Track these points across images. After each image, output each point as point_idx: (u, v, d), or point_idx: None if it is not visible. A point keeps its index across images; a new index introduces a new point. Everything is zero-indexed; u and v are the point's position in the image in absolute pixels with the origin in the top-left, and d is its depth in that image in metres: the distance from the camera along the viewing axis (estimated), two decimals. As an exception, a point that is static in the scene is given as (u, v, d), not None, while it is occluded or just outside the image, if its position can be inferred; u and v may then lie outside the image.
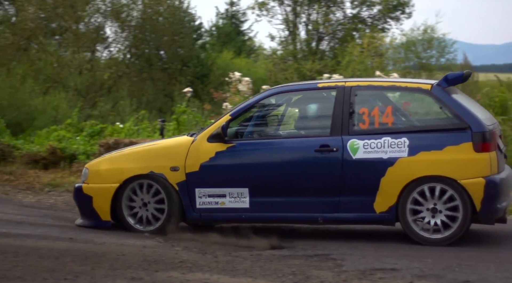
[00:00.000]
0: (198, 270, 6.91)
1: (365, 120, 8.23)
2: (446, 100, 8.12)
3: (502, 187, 7.98)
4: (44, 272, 6.63)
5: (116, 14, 29.48)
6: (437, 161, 7.92)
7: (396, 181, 8.00)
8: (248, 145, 8.54)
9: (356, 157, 8.13)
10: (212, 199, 8.53)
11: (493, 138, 8.01)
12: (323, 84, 8.74)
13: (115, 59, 30.16)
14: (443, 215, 7.95)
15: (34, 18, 28.20)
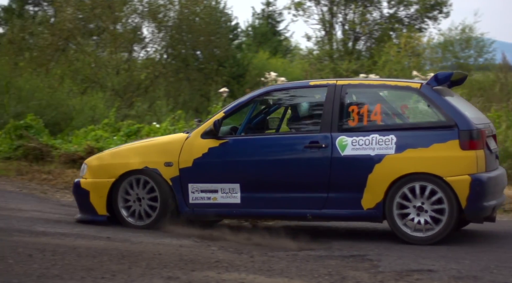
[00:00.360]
0: (234, 270, 6.92)
1: (354, 118, 8.38)
2: (434, 98, 8.23)
3: (489, 185, 8.03)
4: (81, 270, 6.68)
5: (153, 15, 29.60)
6: (423, 158, 8.03)
7: (383, 178, 8.11)
8: (240, 141, 8.71)
9: (344, 154, 8.26)
10: (205, 194, 8.70)
11: (481, 137, 8.08)
12: (315, 83, 9.00)
13: (152, 59, 30.29)
14: (429, 212, 8.03)
15: (72, 19, 28.42)
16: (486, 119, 8.91)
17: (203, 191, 8.71)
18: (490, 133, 8.53)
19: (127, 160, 8.97)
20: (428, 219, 8.06)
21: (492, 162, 8.38)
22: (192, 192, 8.74)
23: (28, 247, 7.50)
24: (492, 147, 8.42)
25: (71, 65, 27.34)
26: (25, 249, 7.43)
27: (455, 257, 7.53)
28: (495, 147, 8.61)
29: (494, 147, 8.58)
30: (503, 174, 8.68)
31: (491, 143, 8.42)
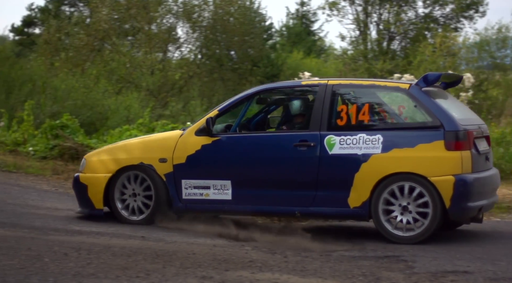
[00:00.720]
0: (267, 270, 6.92)
1: (343, 117, 8.47)
2: (422, 99, 8.29)
3: (474, 186, 8.06)
4: (116, 269, 6.72)
5: (187, 15, 29.70)
6: (408, 158, 8.10)
7: (369, 177, 8.19)
8: (232, 139, 8.86)
9: (332, 152, 8.37)
10: (197, 190, 8.86)
11: (468, 138, 8.13)
12: (307, 82, 9.27)
13: (186, 59, 30.39)
14: (413, 212, 8.10)
15: (107, 19, 28.62)
16: (478, 120, 8.95)
17: (196, 187, 8.87)
18: (481, 135, 8.56)
19: (124, 156, 9.18)
20: (411, 218, 8.12)
21: (481, 163, 8.41)
22: (185, 188, 8.90)
23: (63, 246, 7.57)
24: (481, 148, 8.46)
25: (107, 66, 27.52)
26: (60, 247, 7.49)
27: (491, 258, 7.46)
28: (485, 148, 8.64)
29: (485, 148, 8.62)
30: (494, 174, 8.72)
31: (480, 144, 8.47)
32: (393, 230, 8.20)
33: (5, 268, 6.62)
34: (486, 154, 8.62)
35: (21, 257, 7.04)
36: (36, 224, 8.80)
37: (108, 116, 21.38)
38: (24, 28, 44.97)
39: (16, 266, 6.71)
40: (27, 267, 6.68)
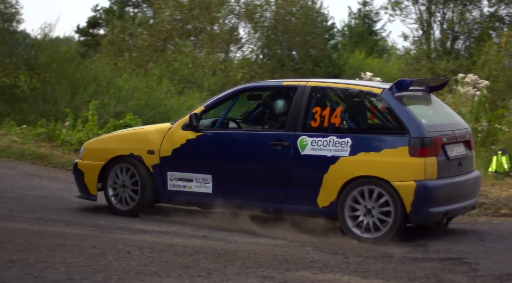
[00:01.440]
0: (328, 271, 6.90)
1: (316, 119, 8.64)
2: (392, 104, 8.40)
3: (437, 192, 8.18)
4: (178, 268, 6.78)
5: (249, 15, 29.78)
6: (373, 162, 8.25)
7: (337, 178, 8.38)
8: (215, 135, 9.16)
9: (304, 153, 8.57)
10: (181, 182, 9.20)
11: (434, 145, 8.22)
12: (288, 83, 9.37)
13: (248, 59, 30.48)
14: (376, 215, 8.24)
15: (170, 20, 28.87)
16: (458, 125, 8.98)
17: (180, 179, 9.21)
18: (454, 140, 8.61)
19: (117, 146, 9.60)
20: (375, 221, 8.24)
21: (451, 168, 8.49)
22: (170, 180, 9.25)
23: (127, 244, 7.66)
24: (453, 154, 8.54)
25: (169, 66, 27.75)
26: (124, 246, 7.59)
27: (557, 262, 7.32)
28: (460, 153, 8.70)
29: (459, 153, 8.68)
30: (468, 179, 8.77)
31: (453, 149, 8.57)
32: (354, 229, 8.33)
33: (70, 265, 6.73)
34: (460, 159, 8.66)
35: (85, 255, 7.15)
36: (100, 222, 8.92)
37: (171, 116, 21.54)
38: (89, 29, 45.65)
39: (81, 263, 6.82)
40: (92, 265, 6.78)
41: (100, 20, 44.78)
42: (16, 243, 7.61)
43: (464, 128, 9.05)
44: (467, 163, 8.85)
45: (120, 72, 26.27)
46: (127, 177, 9.45)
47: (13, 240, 7.72)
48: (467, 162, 8.84)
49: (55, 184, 11.98)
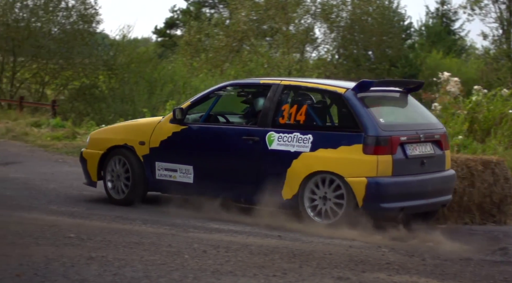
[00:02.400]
0: (405, 273, 6.82)
1: (284, 116, 9.14)
2: (352, 104, 8.80)
3: (389, 189, 8.56)
4: (254, 268, 6.79)
5: (325, 15, 29.71)
6: (330, 158, 8.71)
7: (298, 173, 8.86)
8: (196, 129, 9.71)
9: (271, 148, 9.08)
10: (167, 172, 9.77)
11: (389, 144, 8.60)
12: (264, 81, 9.89)
13: (323, 59, 30.43)
14: (330, 206, 8.71)
15: (246, 21, 29.02)
16: (427, 125, 9.27)
17: (166, 169, 9.79)
18: (417, 140, 8.91)
19: (114, 136, 10.30)
20: (328, 209, 8.70)
21: (411, 167, 8.81)
22: (158, 169, 9.83)
23: (203, 243, 7.72)
24: (415, 153, 8.86)
25: (245, 66, 27.90)
26: (200, 245, 7.65)
27: None
28: (425, 152, 8.99)
29: (424, 152, 8.98)
30: (433, 178, 9.01)
31: (416, 149, 8.89)
32: (314, 218, 8.77)
33: (147, 263, 6.82)
34: (424, 158, 8.93)
35: (162, 253, 7.23)
36: (177, 221, 9.01)
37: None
38: (167, 30, 46.21)
39: (158, 261, 6.90)
40: (168, 263, 6.85)
41: (177, 21, 45.29)
42: (95, 240, 7.75)
43: (435, 129, 9.31)
44: (434, 162, 9.11)
45: (196, 73, 26.53)
46: (121, 166, 10.07)
47: (92, 238, 7.87)
48: (434, 161, 9.11)
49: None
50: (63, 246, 7.46)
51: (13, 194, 10.79)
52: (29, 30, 27.57)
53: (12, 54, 27.98)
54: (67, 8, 28.38)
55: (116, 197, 10.10)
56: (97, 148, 10.32)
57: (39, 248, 7.34)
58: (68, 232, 8.11)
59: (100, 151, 10.24)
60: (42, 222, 8.75)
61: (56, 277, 6.30)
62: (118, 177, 10.08)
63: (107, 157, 10.18)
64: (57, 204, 10.03)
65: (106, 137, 10.37)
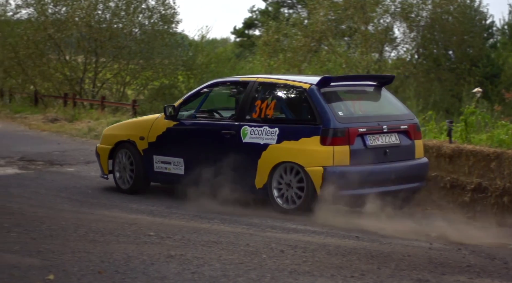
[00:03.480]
0: (486, 276, 6.71)
1: (256, 111, 9.87)
2: (314, 99, 9.48)
3: (344, 177, 9.14)
4: (331, 268, 6.77)
5: (405, 15, 29.38)
6: (293, 149, 9.42)
7: (267, 163, 9.60)
8: (186, 124, 10.51)
9: (245, 141, 9.82)
10: (163, 165, 10.61)
11: (346, 135, 9.26)
12: (243, 79, 10.58)
13: (402, 59, 30.08)
14: (293, 193, 9.42)
15: (324, 20, 28.91)
16: (396, 117, 9.90)
17: (162, 162, 10.63)
18: (379, 131, 9.52)
19: (120, 132, 11.22)
20: (293, 195, 9.41)
21: (371, 156, 9.40)
22: (156, 162, 10.68)
23: (280, 243, 7.74)
24: (376, 143, 9.49)
25: (323, 66, 27.81)
26: (277, 244, 7.67)
27: None
28: (390, 143, 9.63)
29: (389, 142, 9.62)
30: (397, 166, 9.60)
31: (377, 139, 9.51)
32: (282, 205, 9.49)
33: (225, 262, 6.87)
34: (386, 148, 9.56)
35: (240, 252, 7.27)
36: (254, 221, 9.06)
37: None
38: (245, 30, 46.43)
39: (236, 261, 6.94)
40: (246, 262, 6.89)
41: (256, 21, 45.47)
42: (174, 239, 7.85)
43: (403, 120, 9.90)
44: (401, 152, 9.73)
45: (273, 73, 26.57)
46: (126, 159, 10.98)
47: (171, 236, 7.97)
48: (401, 151, 9.73)
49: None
50: (143, 244, 7.57)
51: (94, 192, 11.02)
52: (111, 31, 28.06)
53: (95, 55, 28.52)
54: (148, 9, 28.78)
55: (123, 187, 11.03)
56: (107, 143, 11.28)
57: (119, 245, 7.47)
58: (148, 230, 8.23)
59: (109, 146, 11.20)
60: (123, 220, 8.91)
61: (136, 275, 6.40)
62: (124, 168, 11.02)
63: (115, 151, 11.12)
64: (137, 202, 10.19)
65: (114, 133, 11.31)
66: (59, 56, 28.92)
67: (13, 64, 28.94)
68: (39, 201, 10.23)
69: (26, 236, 7.86)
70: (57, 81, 28.92)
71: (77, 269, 6.53)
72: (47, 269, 6.52)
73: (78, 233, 8.03)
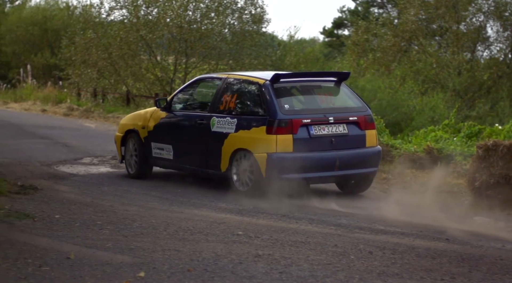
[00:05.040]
0: None
1: (222, 104, 11.20)
2: (266, 93, 10.68)
3: (285, 162, 10.30)
4: (421, 271, 6.69)
5: (499, 13, 28.77)
6: (245, 138, 10.70)
7: (228, 150, 10.88)
8: (174, 115, 11.93)
9: (213, 130, 11.14)
10: (159, 151, 12.02)
11: (289, 125, 10.40)
12: (219, 76, 12.00)
13: (495, 59, 29.46)
14: (247, 174, 10.65)
15: (415, 20, 28.55)
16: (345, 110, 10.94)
17: (158, 148, 12.04)
18: (324, 122, 10.60)
19: (129, 122, 12.70)
20: (246, 179, 10.66)
21: (316, 144, 10.53)
22: (153, 149, 12.11)
23: (368, 244, 7.68)
24: (321, 133, 10.58)
25: (413, 66, 27.48)
26: (365, 246, 7.62)
27: None
28: (336, 132, 10.70)
29: (335, 132, 10.69)
30: (344, 153, 10.66)
31: (322, 129, 10.60)
32: (239, 187, 10.73)
33: (313, 263, 6.86)
34: (332, 137, 10.64)
35: (328, 253, 7.26)
36: (342, 221, 9.02)
37: (413, 117, 21.33)
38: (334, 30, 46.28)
39: (324, 261, 6.93)
40: (334, 263, 6.87)
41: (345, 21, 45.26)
42: (262, 238, 7.89)
43: (353, 112, 10.92)
44: (349, 141, 10.78)
45: (363, 72, 26.40)
46: (132, 146, 12.39)
47: (259, 236, 8.01)
48: (349, 140, 10.78)
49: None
50: (232, 243, 7.64)
51: (183, 191, 11.16)
52: (201, 32, 28.36)
53: (185, 55, 28.88)
54: (238, 9, 28.97)
55: (130, 172, 12.45)
56: (120, 132, 12.75)
57: (208, 244, 7.55)
58: (236, 230, 8.29)
59: (121, 134, 12.67)
60: (212, 219, 8.99)
61: (225, 273, 6.46)
62: (131, 155, 12.42)
63: (126, 139, 12.56)
64: (225, 202, 10.28)
65: (125, 123, 12.79)
66: (150, 57, 29.39)
67: (106, 64, 29.56)
68: (130, 199, 10.43)
69: (118, 234, 8.02)
70: (148, 82, 29.40)
71: (167, 267, 6.63)
72: (138, 266, 6.65)
73: (168, 231, 8.15)
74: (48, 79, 36.20)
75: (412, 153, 13.91)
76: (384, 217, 9.35)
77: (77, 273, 6.44)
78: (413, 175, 12.89)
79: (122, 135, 12.63)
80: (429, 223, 8.94)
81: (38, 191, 10.74)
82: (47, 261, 6.80)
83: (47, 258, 6.91)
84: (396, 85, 23.92)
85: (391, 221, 9.08)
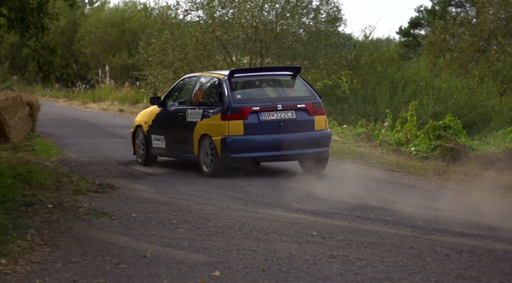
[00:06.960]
0: None
1: (194, 97, 13.28)
2: (223, 87, 12.64)
3: (236, 144, 12.30)
4: (499, 274, 6.57)
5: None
6: (207, 125, 12.68)
7: (196, 136, 12.84)
8: (165, 110, 13.92)
9: (187, 120, 13.12)
10: (157, 141, 13.95)
11: (239, 112, 12.33)
12: (196, 74, 14.26)
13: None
14: (209, 159, 12.59)
15: (494, 19, 28.04)
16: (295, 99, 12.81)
17: (156, 139, 13.96)
18: (273, 109, 12.50)
19: (139, 118, 14.72)
20: (209, 161, 12.58)
21: (265, 128, 12.44)
22: (153, 140, 14.03)
23: (445, 247, 7.58)
24: (269, 118, 12.47)
25: (492, 66, 26.99)
26: (442, 248, 7.51)
27: None
28: (285, 118, 12.54)
29: (283, 117, 12.54)
30: (285, 136, 12.44)
31: (271, 115, 12.46)
32: (205, 170, 12.63)
33: (388, 264, 6.80)
34: (280, 122, 12.49)
35: (403, 255, 7.19)
36: (418, 223, 8.90)
37: (491, 117, 20.96)
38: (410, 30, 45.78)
39: (399, 263, 6.87)
40: (410, 265, 6.80)
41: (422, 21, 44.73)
42: (337, 239, 7.86)
43: (302, 100, 12.74)
44: (297, 125, 12.56)
45: (439, 73, 26.05)
46: (139, 139, 14.30)
47: (334, 236, 7.98)
48: (297, 124, 12.56)
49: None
50: (306, 243, 7.63)
51: (257, 191, 11.19)
52: (276, 32, 28.39)
53: (260, 55, 28.95)
54: (313, 9, 28.90)
55: (139, 160, 14.30)
56: (133, 128, 14.70)
57: (283, 244, 7.56)
58: (311, 230, 8.28)
59: (133, 129, 14.65)
60: (286, 219, 9.00)
61: (299, 274, 6.46)
62: (139, 146, 14.32)
63: (136, 133, 14.45)
64: (300, 202, 10.26)
65: (136, 119, 14.76)
66: (226, 58, 29.56)
67: (182, 65, 29.83)
68: (205, 198, 10.52)
69: (193, 233, 8.10)
70: (223, 82, 29.56)
71: (241, 267, 6.66)
72: (213, 265, 6.70)
73: (242, 231, 8.19)
74: (125, 80, 36.79)
75: (490, 154, 13.66)
76: (461, 219, 9.20)
77: (153, 271, 6.53)
78: (491, 176, 12.64)
79: (133, 130, 14.62)
80: (508, 226, 8.75)
81: (115, 190, 10.94)
82: (124, 259, 6.91)
83: (124, 256, 7.03)
84: (474, 86, 23.53)
85: (468, 223, 8.93)
